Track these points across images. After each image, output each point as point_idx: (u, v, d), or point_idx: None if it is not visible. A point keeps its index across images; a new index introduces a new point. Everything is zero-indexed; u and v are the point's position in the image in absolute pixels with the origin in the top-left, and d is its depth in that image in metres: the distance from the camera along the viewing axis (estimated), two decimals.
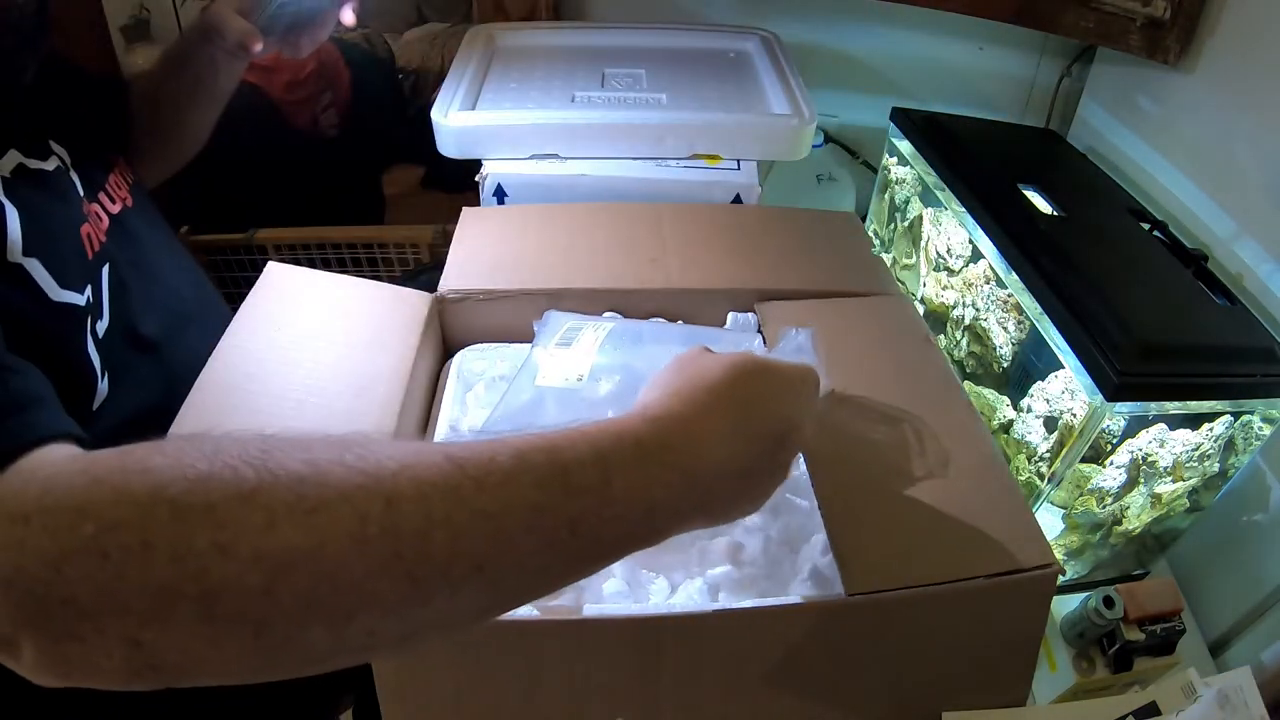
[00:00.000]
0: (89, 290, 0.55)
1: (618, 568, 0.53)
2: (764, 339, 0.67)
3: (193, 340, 0.63)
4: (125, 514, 0.28)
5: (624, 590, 0.52)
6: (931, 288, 0.95)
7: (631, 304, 0.69)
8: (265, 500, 0.28)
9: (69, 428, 0.40)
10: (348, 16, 0.74)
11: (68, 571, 0.27)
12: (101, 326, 0.57)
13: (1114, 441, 0.68)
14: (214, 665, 0.29)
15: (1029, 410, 0.75)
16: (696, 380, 0.38)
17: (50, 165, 0.57)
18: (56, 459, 0.31)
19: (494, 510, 0.31)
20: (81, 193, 0.60)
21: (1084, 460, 0.69)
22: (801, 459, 0.54)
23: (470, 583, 0.31)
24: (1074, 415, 0.69)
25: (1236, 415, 0.68)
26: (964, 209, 0.84)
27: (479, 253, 0.72)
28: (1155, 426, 0.68)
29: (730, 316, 0.70)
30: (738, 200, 0.85)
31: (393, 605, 0.30)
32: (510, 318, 0.69)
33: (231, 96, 0.78)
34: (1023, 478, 0.74)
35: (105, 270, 0.59)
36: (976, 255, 0.86)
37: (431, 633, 0.32)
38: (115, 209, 0.63)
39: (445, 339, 0.70)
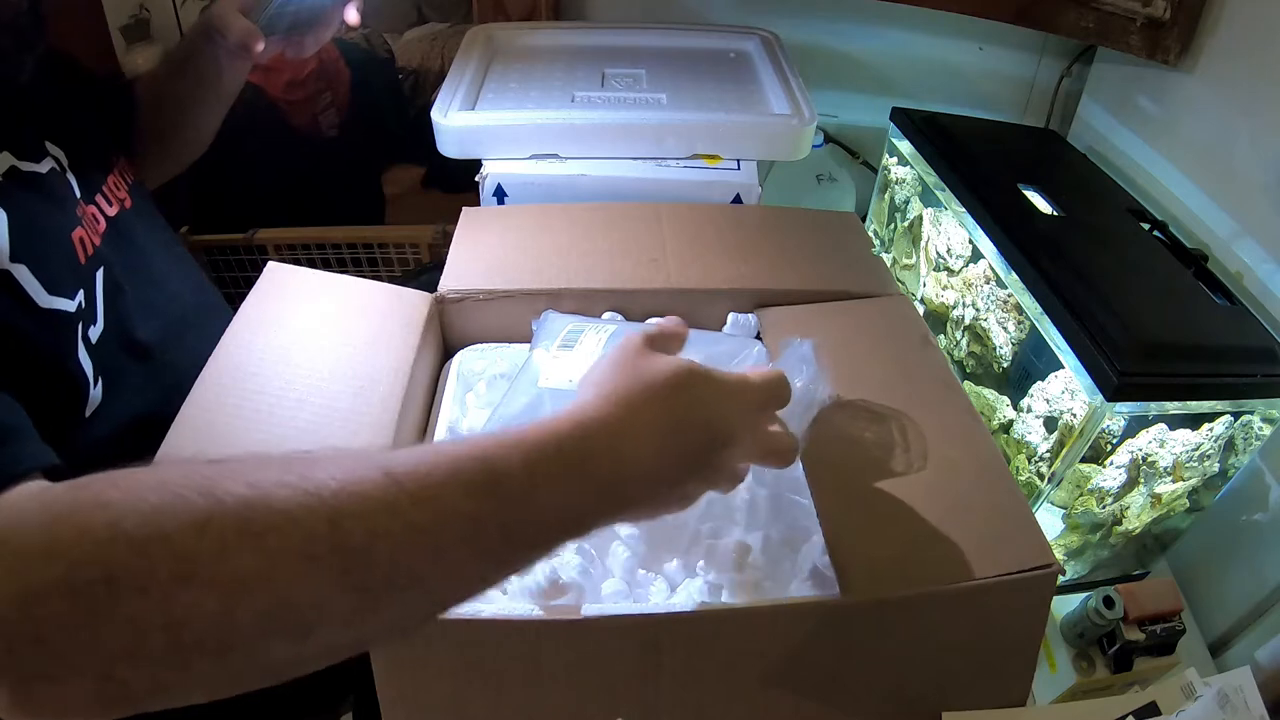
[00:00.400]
0: (80, 295, 0.55)
1: (617, 568, 0.53)
2: (764, 344, 0.67)
3: (191, 346, 0.62)
4: (88, 552, 0.28)
5: (624, 590, 0.52)
6: (931, 288, 0.95)
7: (631, 304, 0.69)
8: (217, 527, 0.29)
9: (40, 460, 0.41)
10: (352, 16, 0.73)
11: (38, 611, 0.28)
12: (95, 332, 0.57)
13: (1114, 441, 0.68)
14: (182, 689, 0.30)
15: (1029, 410, 0.75)
16: (634, 385, 0.39)
17: (44, 168, 0.56)
18: (23, 496, 0.31)
19: (430, 524, 0.32)
20: (79, 194, 0.59)
21: (1084, 460, 0.69)
22: (799, 461, 0.54)
23: (413, 591, 0.32)
24: (1074, 415, 0.69)
25: (1236, 415, 0.68)
26: (964, 209, 0.84)
27: (479, 253, 0.72)
28: (1155, 426, 0.68)
29: (730, 317, 0.70)
30: (738, 200, 0.85)
31: (345, 617, 0.31)
32: (510, 318, 0.69)
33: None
34: (1023, 478, 0.74)
35: (99, 274, 0.58)
36: (976, 255, 0.86)
37: (383, 636, 0.35)
38: (112, 211, 0.63)
39: (445, 339, 0.70)
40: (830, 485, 0.52)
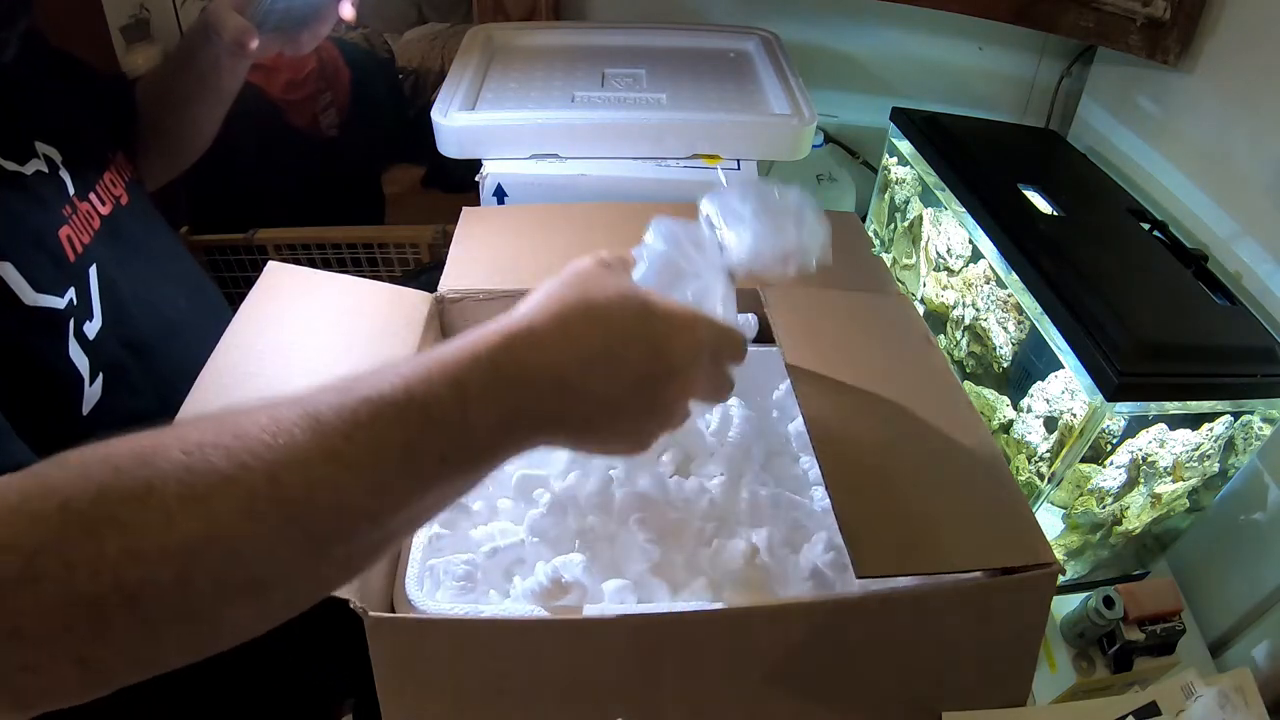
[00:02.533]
0: (71, 293, 0.55)
1: (619, 568, 0.53)
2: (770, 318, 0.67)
3: (190, 344, 0.62)
4: (42, 538, 0.28)
5: (625, 590, 0.52)
6: (931, 288, 0.95)
7: None
8: (159, 498, 0.29)
9: (12, 458, 0.41)
10: (347, 11, 0.73)
11: (9, 604, 0.28)
12: (92, 328, 0.57)
13: (1114, 441, 0.68)
14: (160, 659, 0.31)
15: (1029, 410, 0.75)
16: (574, 299, 0.38)
17: (29, 169, 0.56)
18: None
19: (367, 461, 0.32)
20: (72, 192, 0.59)
21: (1084, 460, 0.69)
22: (813, 454, 0.54)
23: (362, 529, 0.33)
24: (1074, 415, 0.69)
25: (1236, 415, 0.68)
26: (964, 209, 0.84)
27: (479, 253, 0.72)
28: (1155, 426, 0.68)
29: None
30: None
31: (299, 566, 0.32)
32: None
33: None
34: (1023, 478, 0.74)
35: (93, 271, 0.58)
36: (976, 255, 0.86)
37: (343, 578, 0.35)
38: (107, 209, 0.63)
39: (445, 339, 0.70)
40: (841, 471, 0.52)
